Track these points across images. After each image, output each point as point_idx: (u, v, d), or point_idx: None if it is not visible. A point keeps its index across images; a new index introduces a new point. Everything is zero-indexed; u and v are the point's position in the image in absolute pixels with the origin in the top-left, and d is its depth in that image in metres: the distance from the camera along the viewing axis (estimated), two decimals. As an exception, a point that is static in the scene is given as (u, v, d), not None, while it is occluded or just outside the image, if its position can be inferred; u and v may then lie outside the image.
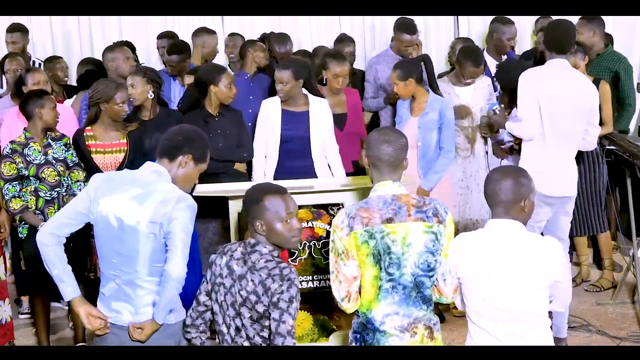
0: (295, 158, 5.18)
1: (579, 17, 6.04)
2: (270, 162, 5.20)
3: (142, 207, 3.23)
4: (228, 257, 3.17)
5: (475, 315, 3.14)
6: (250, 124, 5.42)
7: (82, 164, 4.96)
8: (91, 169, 4.89)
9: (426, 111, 5.25)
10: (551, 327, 3.22)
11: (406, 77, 5.23)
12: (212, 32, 6.81)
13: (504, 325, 3.08)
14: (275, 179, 5.02)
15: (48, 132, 4.92)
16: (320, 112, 5.23)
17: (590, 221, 5.78)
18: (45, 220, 4.78)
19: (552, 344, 3.17)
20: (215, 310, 3.20)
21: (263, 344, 3.10)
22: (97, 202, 3.29)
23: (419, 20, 6.47)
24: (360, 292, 3.18)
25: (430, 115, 5.23)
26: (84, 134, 4.96)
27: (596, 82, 5.65)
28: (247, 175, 5.30)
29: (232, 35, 6.94)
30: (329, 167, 5.28)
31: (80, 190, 4.87)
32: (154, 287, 3.26)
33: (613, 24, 7.34)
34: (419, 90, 5.30)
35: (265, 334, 3.10)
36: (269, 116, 5.20)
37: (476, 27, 7.52)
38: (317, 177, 5.15)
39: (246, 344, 3.13)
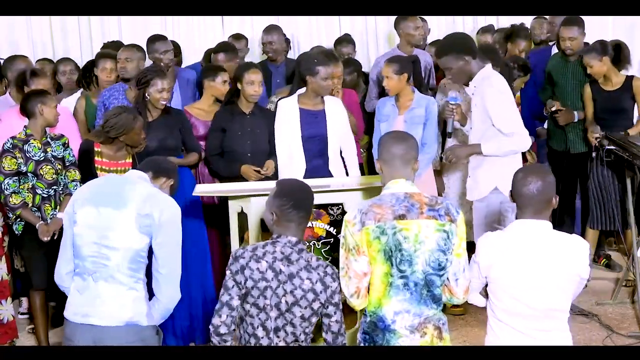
0: (312, 157, 5.19)
1: (564, 18, 6.10)
2: (297, 162, 5.16)
3: (126, 206, 3.29)
4: (270, 259, 3.16)
5: (504, 314, 3.17)
6: None
7: (78, 165, 4.96)
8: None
9: (413, 107, 5.35)
10: None
11: (401, 71, 5.31)
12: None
13: (532, 322, 3.13)
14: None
15: (47, 132, 4.94)
16: (335, 111, 5.25)
17: (612, 216, 5.78)
18: (42, 218, 4.82)
19: (571, 337, 3.22)
20: (252, 314, 3.17)
21: (304, 343, 3.18)
22: (81, 207, 3.35)
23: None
24: (369, 290, 3.19)
25: (417, 110, 5.34)
26: (94, 149, 4.92)
27: (629, 79, 5.75)
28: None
29: (268, 30, 6.73)
30: (344, 165, 5.30)
31: (76, 189, 4.88)
32: (133, 284, 3.29)
33: (613, 24, 7.35)
34: (407, 88, 5.37)
35: (309, 330, 3.19)
36: (288, 116, 5.19)
37: (475, 27, 7.53)
38: (332, 175, 5.17)
39: (282, 343, 3.15)
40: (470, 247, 3.35)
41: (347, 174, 5.24)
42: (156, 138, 5.04)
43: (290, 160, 5.17)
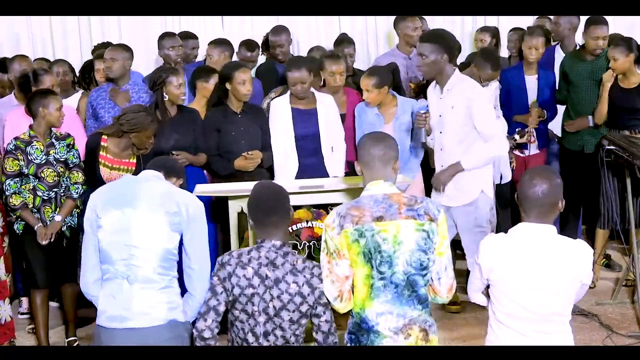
0: (307, 156, 5.21)
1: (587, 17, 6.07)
2: (291, 160, 5.21)
3: (150, 205, 3.27)
4: (255, 265, 3.15)
5: (505, 316, 3.16)
6: None
7: (83, 167, 4.94)
8: (95, 178, 4.83)
9: (398, 115, 5.39)
10: None
11: (382, 85, 5.33)
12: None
13: (532, 324, 3.12)
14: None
15: (52, 132, 4.92)
16: (327, 109, 5.28)
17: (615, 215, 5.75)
18: (41, 220, 4.83)
19: (572, 339, 3.20)
20: (242, 319, 3.17)
21: (295, 344, 3.18)
22: (105, 211, 3.30)
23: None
24: (353, 292, 3.18)
25: (403, 117, 5.38)
26: (100, 143, 4.88)
27: None
28: (270, 175, 5.30)
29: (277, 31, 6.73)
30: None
31: (77, 193, 4.89)
32: (168, 282, 3.28)
33: (613, 24, 7.33)
34: (389, 97, 5.42)
35: (299, 332, 3.19)
36: (280, 115, 5.22)
37: (474, 26, 7.53)
38: (327, 174, 5.19)
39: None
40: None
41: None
42: (172, 137, 5.07)
43: (286, 158, 5.18)
